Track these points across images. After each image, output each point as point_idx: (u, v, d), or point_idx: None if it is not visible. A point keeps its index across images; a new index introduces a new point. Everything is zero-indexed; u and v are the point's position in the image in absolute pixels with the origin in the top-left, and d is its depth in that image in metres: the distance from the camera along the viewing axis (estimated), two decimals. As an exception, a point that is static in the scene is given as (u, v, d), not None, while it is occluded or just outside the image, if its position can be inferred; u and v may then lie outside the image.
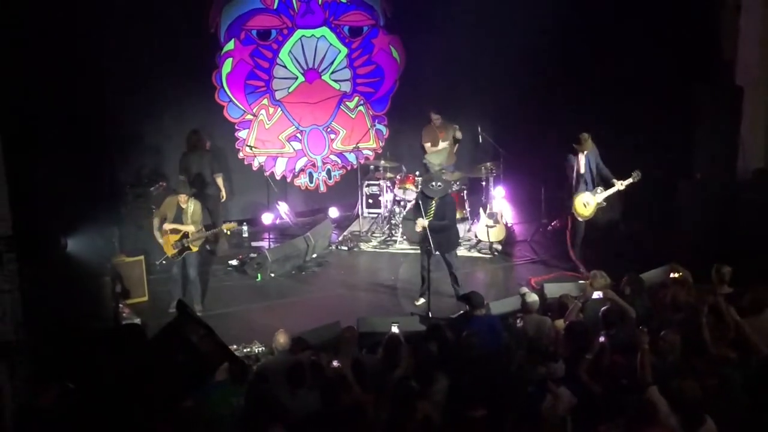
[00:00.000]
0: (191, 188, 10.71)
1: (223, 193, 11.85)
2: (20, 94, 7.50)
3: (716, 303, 7.55)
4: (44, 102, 8.00)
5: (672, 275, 8.54)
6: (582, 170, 10.71)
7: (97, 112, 10.02)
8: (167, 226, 9.94)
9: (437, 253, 9.76)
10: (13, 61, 7.35)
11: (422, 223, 9.60)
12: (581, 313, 8.29)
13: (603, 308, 7.84)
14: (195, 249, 10.08)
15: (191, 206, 9.95)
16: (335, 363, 7.06)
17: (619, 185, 10.56)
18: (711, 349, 7.21)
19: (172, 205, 9.98)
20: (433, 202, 9.81)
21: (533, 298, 8.48)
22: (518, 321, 8.19)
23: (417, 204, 9.98)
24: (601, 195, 10.70)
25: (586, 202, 10.74)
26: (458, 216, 12.31)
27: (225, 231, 10.79)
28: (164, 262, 10.18)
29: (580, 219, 10.89)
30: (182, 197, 9.91)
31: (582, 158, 10.70)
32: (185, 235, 9.93)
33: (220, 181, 11.80)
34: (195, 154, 11.51)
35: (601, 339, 7.18)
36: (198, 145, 11.59)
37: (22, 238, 6.55)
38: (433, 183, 9.97)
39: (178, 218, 9.93)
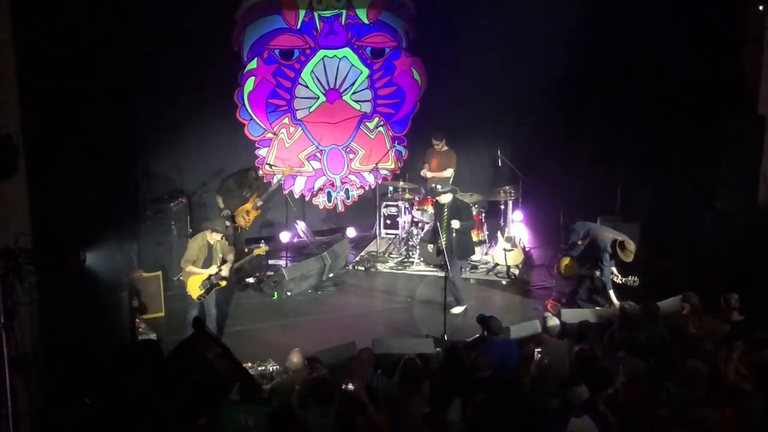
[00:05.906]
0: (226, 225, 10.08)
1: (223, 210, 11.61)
2: (44, 108, 7.56)
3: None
4: (67, 117, 8.06)
5: (683, 304, 8.54)
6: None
7: (119, 128, 10.09)
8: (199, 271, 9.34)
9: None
10: (38, 75, 7.42)
11: (454, 225, 10.27)
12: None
13: (612, 329, 7.85)
14: (224, 284, 9.59)
15: (218, 241, 9.46)
16: (350, 385, 7.02)
17: (616, 278, 10.00)
18: (728, 379, 7.17)
19: (201, 245, 9.38)
20: (445, 208, 10.46)
21: (554, 322, 8.42)
22: (536, 348, 8.09)
23: (435, 227, 10.04)
24: (583, 269, 10.36)
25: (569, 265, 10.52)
26: (476, 239, 12.32)
27: (255, 255, 10.51)
28: (202, 299, 9.42)
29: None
30: (216, 235, 9.36)
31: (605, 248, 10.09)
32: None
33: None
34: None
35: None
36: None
37: (42, 251, 6.57)
38: (439, 186, 10.98)
39: (209, 257, 9.39)
